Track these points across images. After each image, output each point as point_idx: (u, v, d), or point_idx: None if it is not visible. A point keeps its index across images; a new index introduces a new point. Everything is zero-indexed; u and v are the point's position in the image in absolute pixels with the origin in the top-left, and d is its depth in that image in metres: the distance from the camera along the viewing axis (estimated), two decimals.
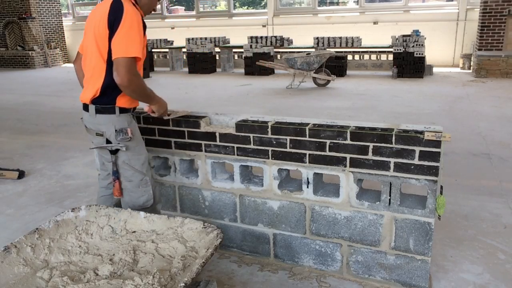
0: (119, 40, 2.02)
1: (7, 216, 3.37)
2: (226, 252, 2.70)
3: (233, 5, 14.21)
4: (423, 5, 12.41)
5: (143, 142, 2.36)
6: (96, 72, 2.14)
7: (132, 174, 2.27)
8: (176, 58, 12.44)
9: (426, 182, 2.12)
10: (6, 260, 1.73)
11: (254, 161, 2.49)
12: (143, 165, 2.29)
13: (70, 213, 2.06)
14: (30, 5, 13.94)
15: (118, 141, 2.19)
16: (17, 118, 6.97)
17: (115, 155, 2.24)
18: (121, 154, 2.23)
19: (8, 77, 12.16)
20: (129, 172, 2.27)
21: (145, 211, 2.15)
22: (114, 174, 2.27)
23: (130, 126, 2.24)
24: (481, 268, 2.50)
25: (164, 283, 1.62)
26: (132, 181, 2.28)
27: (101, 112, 2.18)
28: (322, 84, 8.97)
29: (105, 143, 2.22)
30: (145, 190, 2.31)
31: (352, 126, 2.27)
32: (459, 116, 6.17)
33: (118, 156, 2.24)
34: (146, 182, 2.31)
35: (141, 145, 2.32)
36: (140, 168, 2.28)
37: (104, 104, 2.17)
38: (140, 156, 2.29)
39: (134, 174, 2.27)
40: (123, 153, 2.23)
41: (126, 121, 2.22)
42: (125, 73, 2.01)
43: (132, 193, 2.30)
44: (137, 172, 2.27)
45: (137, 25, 2.05)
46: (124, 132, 2.19)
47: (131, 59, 2.02)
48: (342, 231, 2.37)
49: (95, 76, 2.15)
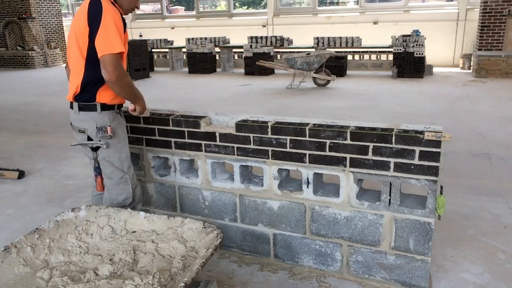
0: (102, 38, 2.05)
1: (7, 216, 3.37)
2: (226, 252, 2.70)
3: (233, 5, 14.22)
4: (423, 5, 12.41)
5: (126, 140, 2.38)
6: (76, 69, 2.19)
7: (112, 172, 2.30)
8: (176, 58, 12.44)
9: (426, 182, 2.12)
10: (6, 260, 1.73)
11: (254, 161, 2.49)
12: (123, 163, 2.32)
13: (70, 213, 2.06)
14: (30, 5, 13.94)
15: (98, 139, 2.23)
16: (17, 118, 6.97)
17: (96, 152, 2.28)
18: (101, 151, 2.27)
19: (8, 77, 12.16)
20: (109, 169, 2.30)
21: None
22: (95, 170, 2.33)
23: (113, 123, 2.26)
24: (481, 268, 2.50)
25: (164, 283, 1.62)
26: (112, 178, 2.32)
27: (83, 109, 2.24)
28: (322, 84, 8.97)
29: (87, 140, 2.25)
30: (125, 188, 2.34)
31: (352, 126, 2.27)
32: (459, 116, 6.17)
33: (98, 153, 2.28)
34: (126, 180, 2.33)
35: (123, 143, 2.34)
36: (120, 166, 2.30)
37: (85, 101, 2.23)
38: (121, 154, 2.31)
39: (114, 172, 2.30)
40: (104, 150, 2.27)
41: (108, 119, 2.24)
42: (113, 70, 2.05)
43: (111, 190, 2.34)
44: (117, 170, 2.30)
45: (117, 22, 2.09)
46: (104, 130, 2.22)
47: (117, 55, 2.06)
48: (342, 231, 2.37)
49: (75, 73, 2.21)
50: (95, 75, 2.15)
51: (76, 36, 2.16)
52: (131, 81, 2.19)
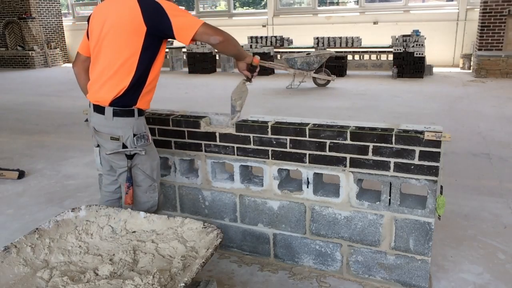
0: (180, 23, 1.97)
1: (7, 216, 3.37)
2: (226, 252, 2.70)
3: (233, 5, 14.21)
4: (423, 5, 12.41)
5: (155, 147, 2.26)
6: (124, 70, 2.02)
7: (143, 180, 2.18)
8: (176, 58, 12.44)
9: (426, 182, 2.12)
10: (6, 260, 1.73)
11: (254, 161, 2.49)
12: (153, 171, 2.20)
13: (70, 213, 2.05)
14: (30, 5, 13.93)
15: (135, 146, 2.09)
16: (17, 118, 6.97)
17: (131, 160, 2.12)
18: (135, 159, 2.13)
19: (8, 77, 12.16)
20: (140, 177, 2.18)
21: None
22: (128, 181, 2.15)
23: (147, 130, 2.17)
24: (481, 268, 2.50)
25: (164, 283, 1.62)
26: (141, 186, 2.19)
27: (119, 115, 2.05)
28: (322, 84, 8.97)
29: (122, 148, 2.09)
30: (152, 196, 2.23)
31: (352, 126, 2.27)
32: (459, 116, 6.17)
33: (134, 161, 2.14)
34: (154, 189, 2.23)
35: (154, 150, 2.24)
36: (150, 174, 2.19)
37: (124, 105, 2.06)
38: (153, 162, 2.20)
39: (144, 180, 2.18)
40: (137, 158, 2.13)
41: (143, 125, 2.14)
42: (214, 31, 2.03)
43: (138, 197, 2.21)
44: (148, 178, 2.18)
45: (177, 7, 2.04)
46: (146, 138, 2.12)
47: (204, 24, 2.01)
48: (342, 231, 2.37)
49: (119, 75, 2.03)
50: (143, 76, 2.06)
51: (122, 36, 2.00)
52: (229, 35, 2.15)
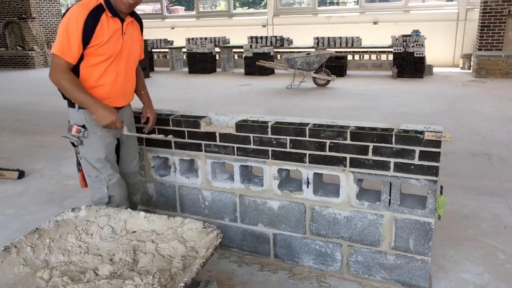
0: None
1: (7, 216, 3.37)
2: (226, 252, 2.70)
3: (233, 5, 14.22)
4: (423, 5, 12.41)
5: (107, 143, 2.30)
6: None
7: (89, 170, 2.32)
8: (176, 58, 12.44)
9: (426, 182, 2.12)
10: (6, 260, 1.73)
11: (254, 161, 2.49)
12: (97, 162, 2.29)
13: (70, 213, 2.06)
14: (30, 5, 13.93)
15: (69, 135, 2.25)
16: (17, 118, 6.96)
17: (75, 147, 2.31)
18: (79, 147, 2.29)
19: (8, 77, 12.16)
20: (86, 167, 2.32)
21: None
22: (77, 166, 2.41)
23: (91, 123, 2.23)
24: (481, 268, 2.50)
25: (164, 283, 1.62)
26: (90, 176, 2.33)
27: (69, 105, 2.29)
28: (322, 84, 8.97)
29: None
30: (100, 187, 2.33)
31: (352, 126, 2.27)
32: (459, 116, 6.17)
33: (78, 150, 2.30)
34: (101, 181, 2.32)
35: (101, 145, 2.28)
36: (94, 164, 2.29)
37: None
38: (94, 154, 2.28)
39: (90, 170, 2.31)
40: (80, 147, 2.28)
41: (84, 118, 2.24)
42: (51, 70, 2.12)
43: (90, 187, 2.38)
44: (93, 169, 2.30)
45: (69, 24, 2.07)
46: (69, 129, 2.26)
47: (56, 56, 2.10)
48: (342, 231, 2.37)
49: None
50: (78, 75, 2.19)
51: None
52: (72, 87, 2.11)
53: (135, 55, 2.39)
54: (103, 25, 2.13)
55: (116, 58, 2.23)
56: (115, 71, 2.25)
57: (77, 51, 2.10)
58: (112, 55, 2.20)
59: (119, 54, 2.24)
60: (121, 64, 2.27)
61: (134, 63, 2.42)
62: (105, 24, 2.14)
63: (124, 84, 2.34)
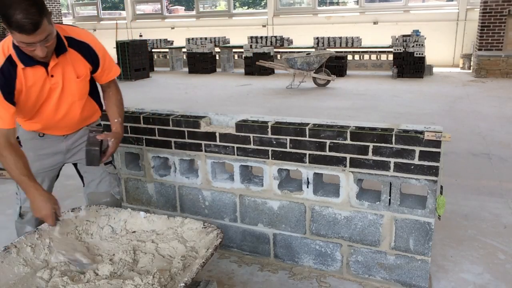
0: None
1: (7, 216, 3.37)
2: (226, 252, 2.70)
3: (233, 5, 14.22)
4: (423, 5, 12.41)
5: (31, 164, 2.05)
6: None
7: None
8: (176, 58, 12.44)
9: (426, 182, 2.12)
10: (6, 260, 1.73)
11: (254, 161, 2.49)
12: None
13: (70, 213, 2.06)
14: None
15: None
16: None
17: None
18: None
19: None
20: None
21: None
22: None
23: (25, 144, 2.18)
24: (481, 268, 2.50)
25: (164, 283, 1.62)
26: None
27: None
28: (322, 84, 8.97)
29: None
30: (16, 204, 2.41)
31: (352, 126, 2.27)
32: (459, 116, 6.17)
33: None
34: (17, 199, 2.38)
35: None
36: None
37: None
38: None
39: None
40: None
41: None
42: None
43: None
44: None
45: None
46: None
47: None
48: (342, 231, 2.37)
49: None
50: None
51: None
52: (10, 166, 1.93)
53: (72, 92, 2.04)
54: (20, 78, 1.87)
55: (45, 102, 2.00)
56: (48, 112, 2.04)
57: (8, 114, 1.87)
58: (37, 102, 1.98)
59: (48, 98, 1.99)
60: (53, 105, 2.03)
61: (79, 99, 2.10)
62: (22, 77, 1.87)
63: (61, 121, 2.11)
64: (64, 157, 2.28)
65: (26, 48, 1.76)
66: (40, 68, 1.91)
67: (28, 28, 1.66)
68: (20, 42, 1.73)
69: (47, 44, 1.78)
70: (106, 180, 2.34)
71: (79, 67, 2.02)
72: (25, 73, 1.88)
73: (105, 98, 2.25)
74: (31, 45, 1.74)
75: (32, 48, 1.75)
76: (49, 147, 2.22)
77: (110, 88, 2.23)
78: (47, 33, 1.74)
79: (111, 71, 2.17)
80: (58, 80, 1.97)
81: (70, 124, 2.17)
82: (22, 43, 1.74)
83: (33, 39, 1.71)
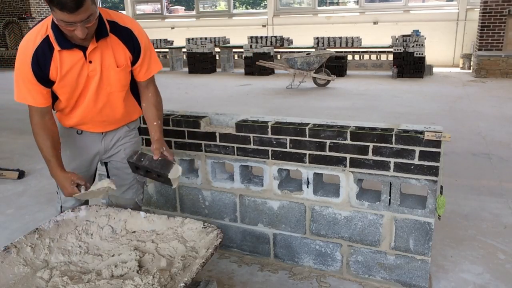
0: None
1: (7, 216, 3.37)
2: (226, 252, 2.70)
3: (233, 5, 14.22)
4: (423, 5, 12.41)
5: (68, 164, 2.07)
6: None
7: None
8: (176, 58, 12.44)
9: (426, 182, 2.12)
10: (6, 260, 1.72)
11: (254, 161, 2.49)
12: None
13: (70, 213, 2.05)
14: (30, 5, 13.92)
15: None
16: (17, 118, 6.95)
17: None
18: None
19: (8, 77, 12.14)
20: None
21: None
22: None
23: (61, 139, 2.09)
24: (481, 268, 2.50)
25: (164, 283, 1.62)
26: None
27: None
28: (322, 84, 8.97)
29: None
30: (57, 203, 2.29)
31: (352, 126, 2.27)
32: (459, 116, 6.17)
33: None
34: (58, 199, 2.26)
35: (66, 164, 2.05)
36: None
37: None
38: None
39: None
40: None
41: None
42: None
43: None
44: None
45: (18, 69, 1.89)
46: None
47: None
48: (342, 231, 2.37)
49: None
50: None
51: None
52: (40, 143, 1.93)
53: (111, 82, 1.96)
54: (56, 61, 1.82)
55: (83, 91, 1.94)
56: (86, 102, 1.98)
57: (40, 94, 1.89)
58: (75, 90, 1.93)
59: (85, 86, 1.92)
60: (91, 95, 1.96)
61: (119, 90, 2.01)
62: (57, 60, 1.82)
63: (101, 113, 2.03)
64: (101, 158, 2.22)
65: (66, 27, 1.67)
66: (78, 52, 1.83)
67: (71, 6, 1.58)
68: (61, 20, 1.65)
69: (88, 25, 1.69)
70: (133, 187, 2.28)
71: (119, 54, 1.92)
72: (61, 56, 1.81)
73: (143, 100, 2.13)
74: (71, 25, 1.65)
75: (72, 28, 1.67)
76: (86, 147, 2.14)
77: (149, 89, 2.13)
78: (90, 12, 1.65)
79: (151, 65, 2.07)
80: (96, 67, 1.88)
81: (110, 117, 2.08)
82: (62, 22, 1.65)
83: (74, 18, 1.62)
